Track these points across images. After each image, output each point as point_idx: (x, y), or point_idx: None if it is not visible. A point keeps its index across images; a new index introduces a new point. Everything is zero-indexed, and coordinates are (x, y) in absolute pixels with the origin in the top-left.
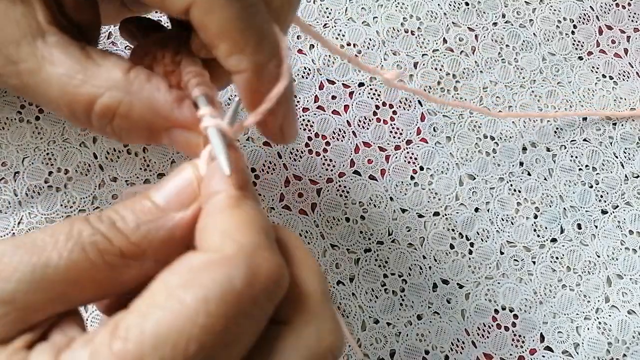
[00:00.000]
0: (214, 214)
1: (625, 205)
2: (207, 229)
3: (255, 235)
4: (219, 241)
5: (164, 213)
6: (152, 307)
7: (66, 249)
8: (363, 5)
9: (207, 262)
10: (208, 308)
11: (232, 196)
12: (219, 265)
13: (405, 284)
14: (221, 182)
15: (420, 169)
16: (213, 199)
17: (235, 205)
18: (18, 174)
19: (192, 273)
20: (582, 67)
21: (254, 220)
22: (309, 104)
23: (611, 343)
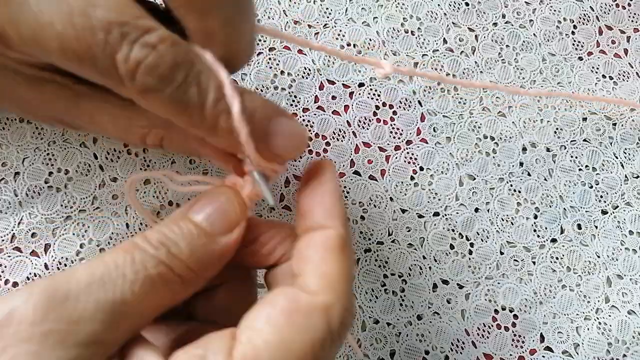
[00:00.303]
0: (319, 251)
1: (625, 206)
2: (310, 264)
3: (349, 286)
4: (321, 285)
5: (212, 238)
6: (265, 342)
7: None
8: (363, 5)
9: (313, 307)
10: (314, 351)
11: (342, 237)
12: (321, 313)
13: (405, 284)
14: (327, 216)
15: (420, 169)
16: (320, 233)
17: (342, 249)
18: (18, 175)
19: (299, 316)
20: (582, 67)
21: (351, 270)
22: (309, 104)
23: (611, 343)
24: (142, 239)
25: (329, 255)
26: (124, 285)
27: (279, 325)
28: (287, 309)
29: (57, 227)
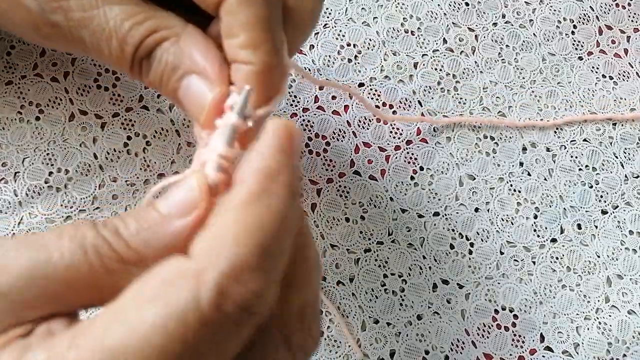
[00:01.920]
0: (222, 211)
1: (625, 206)
2: (206, 228)
3: (244, 249)
4: (205, 248)
5: (165, 220)
6: (116, 319)
7: (68, 248)
8: (363, 5)
9: (178, 274)
10: (166, 328)
11: (252, 192)
12: (187, 280)
13: (405, 284)
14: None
15: (420, 169)
16: (230, 193)
17: (246, 205)
18: (18, 174)
19: (163, 285)
20: (582, 67)
21: (256, 227)
22: (309, 104)
23: (611, 343)
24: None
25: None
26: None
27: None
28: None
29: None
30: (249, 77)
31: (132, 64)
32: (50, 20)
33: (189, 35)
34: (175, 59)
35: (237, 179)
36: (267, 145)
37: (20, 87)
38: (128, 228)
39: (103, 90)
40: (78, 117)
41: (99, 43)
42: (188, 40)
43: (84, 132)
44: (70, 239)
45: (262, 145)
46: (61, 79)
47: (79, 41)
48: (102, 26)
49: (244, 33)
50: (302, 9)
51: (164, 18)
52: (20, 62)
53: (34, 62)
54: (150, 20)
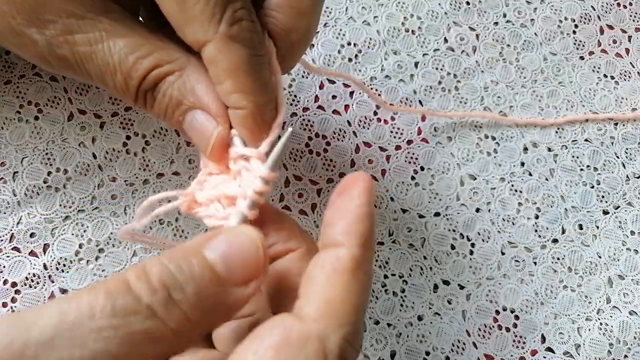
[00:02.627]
0: (327, 271)
1: (626, 206)
2: (313, 286)
3: (357, 316)
4: (320, 310)
5: (224, 287)
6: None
7: (113, 341)
8: (364, 4)
9: (306, 337)
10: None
11: (354, 258)
12: (316, 343)
13: (406, 285)
14: (345, 232)
15: (421, 169)
16: (332, 252)
17: (352, 272)
18: (17, 174)
19: (290, 347)
20: (583, 67)
21: (363, 297)
22: (309, 103)
23: (612, 344)
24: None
25: (335, 277)
26: (95, 344)
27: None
28: (277, 341)
29: (56, 227)
30: (243, 120)
31: (137, 96)
32: (57, 53)
33: (192, 70)
34: (179, 93)
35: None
36: (361, 208)
37: (19, 86)
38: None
39: (102, 89)
40: (77, 116)
41: (104, 76)
42: (191, 76)
43: (83, 131)
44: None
45: (354, 206)
46: (60, 79)
47: (85, 73)
48: (107, 60)
49: (229, 80)
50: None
51: (167, 51)
52: (19, 62)
53: None
54: (155, 53)
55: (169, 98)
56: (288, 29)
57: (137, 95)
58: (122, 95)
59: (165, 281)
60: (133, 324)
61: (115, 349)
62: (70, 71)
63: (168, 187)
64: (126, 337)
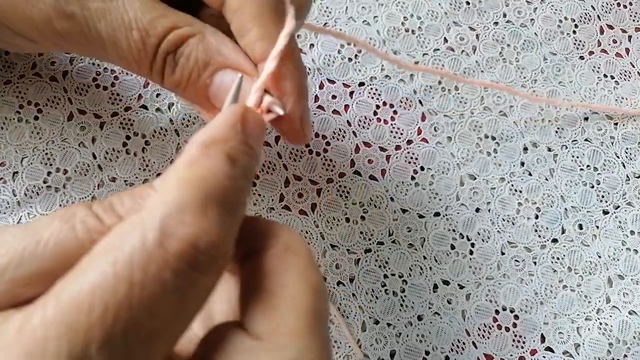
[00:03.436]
0: (164, 176)
1: (626, 206)
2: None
3: (183, 192)
4: (154, 198)
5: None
6: (80, 270)
7: (57, 228)
8: (363, 4)
9: (129, 222)
10: (115, 270)
11: (192, 156)
12: (135, 228)
13: (406, 285)
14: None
15: (421, 169)
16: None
17: (188, 165)
18: (17, 174)
19: (112, 238)
20: (583, 66)
21: (198, 180)
22: (309, 103)
23: (612, 344)
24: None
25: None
26: (45, 230)
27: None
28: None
29: None
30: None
31: (154, 58)
32: (66, 11)
33: (212, 33)
34: (205, 55)
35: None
36: (216, 121)
37: (19, 86)
38: (123, 204)
39: (102, 89)
40: (77, 116)
41: (117, 35)
42: (214, 37)
43: (82, 131)
44: (61, 218)
45: (211, 122)
46: (60, 78)
47: (94, 35)
48: (122, 16)
49: (255, 28)
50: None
51: (183, 16)
52: (18, 62)
53: (33, 61)
54: (172, 16)
55: (194, 60)
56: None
57: (155, 57)
58: (137, 59)
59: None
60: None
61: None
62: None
63: None
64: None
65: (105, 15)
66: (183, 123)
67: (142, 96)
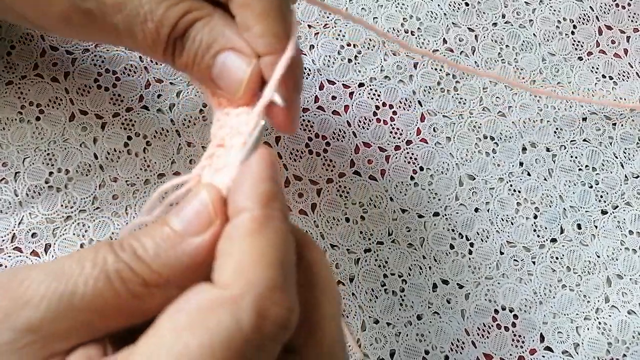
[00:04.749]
0: (234, 239)
1: (625, 206)
2: (224, 257)
3: (270, 271)
4: (231, 276)
5: (182, 239)
6: (159, 349)
7: (92, 276)
8: (363, 5)
9: (215, 301)
10: (214, 355)
11: (256, 219)
12: (226, 306)
13: (405, 284)
14: (246, 198)
15: (420, 169)
16: (235, 220)
17: (257, 232)
18: (18, 174)
19: (200, 313)
20: (581, 67)
21: (272, 251)
22: (309, 104)
23: (611, 343)
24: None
25: (241, 242)
26: (79, 278)
27: (177, 327)
28: (191, 307)
29: (58, 227)
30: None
31: (167, 45)
32: (82, 7)
33: (220, 16)
34: (209, 37)
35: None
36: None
37: (21, 87)
38: (146, 250)
39: (103, 90)
40: (78, 117)
41: (133, 27)
42: (220, 21)
43: (84, 132)
44: (92, 264)
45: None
46: (61, 79)
47: (110, 28)
48: (137, 10)
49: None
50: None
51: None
52: (20, 62)
53: (35, 62)
54: (183, 2)
55: (199, 42)
56: None
57: (167, 44)
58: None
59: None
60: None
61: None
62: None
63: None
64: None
65: (121, 9)
66: (184, 124)
67: (143, 97)
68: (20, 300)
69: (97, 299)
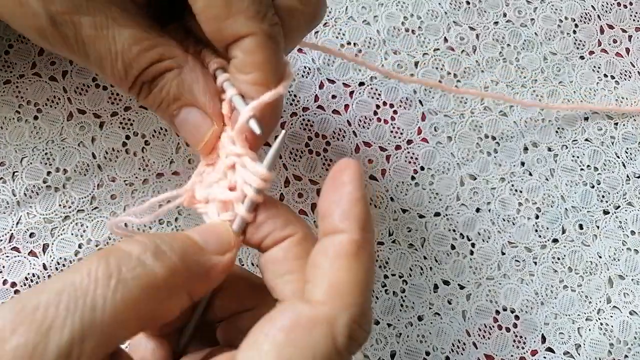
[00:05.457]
0: (330, 257)
1: (627, 206)
2: (319, 273)
3: (363, 297)
4: (327, 295)
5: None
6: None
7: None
8: (363, 4)
9: (313, 319)
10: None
11: (355, 242)
12: (324, 326)
13: (406, 285)
14: (344, 217)
15: (421, 169)
16: (333, 238)
17: (355, 255)
18: (16, 174)
19: (299, 329)
20: (583, 66)
21: (367, 278)
22: (308, 103)
23: (613, 344)
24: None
25: (338, 262)
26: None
27: (277, 343)
28: (288, 324)
29: (56, 227)
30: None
31: (132, 85)
32: (59, 31)
33: (190, 69)
34: (177, 90)
35: (332, 221)
36: (356, 193)
37: (19, 86)
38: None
39: (101, 89)
40: (76, 116)
41: (102, 62)
42: (189, 74)
43: (82, 131)
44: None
45: (349, 192)
46: (59, 78)
47: (82, 55)
48: (109, 47)
49: (257, 72)
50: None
51: (169, 47)
52: (18, 61)
53: (33, 61)
54: (157, 48)
55: (166, 93)
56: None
57: (134, 84)
58: (116, 82)
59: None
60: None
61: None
62: (65, 50)
63: (167, 186)
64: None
65: (94, 42)
66: None
67: None
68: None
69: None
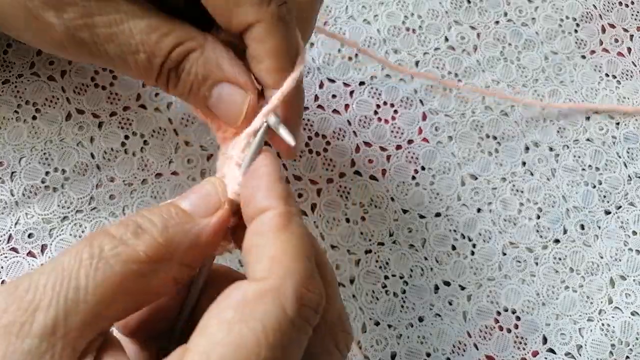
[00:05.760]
0: (263, 234)
1: (628, 206)
2: (256, 251)
3: (303, 261)
4: (268, 268)
5: (190, 218)
6: (214, 344)
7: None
8: (364, 3)
9: (259, 293)
10: (268, 340)
11: (282, 214)
12: (270, 296)
13: (407, 286)
14: (266, 197)
15: (422, 169)
16: (262, 217)
17: (285, 226)
18: (15, 174)
19: (246, 305)
20: (585, 66)
21: (301, 243)
22: (308, 103)
23: (614, 345)
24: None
25: (272, 235)
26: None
27: (227, 321)
28: (234, 303)
29: (54, 227)
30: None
31: (159, 75)
32: (75, 37)
33: (212, 46)
34: (204, 69)
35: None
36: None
37: (17, 86)
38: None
39: (100, 89)
40: (75, 116)
41: (125, 57)
42: (213, 51)
43: (81, 131)
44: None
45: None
46: (58, 78)
47: (104, 55)
48: (129, 40)
49: (271, 59)
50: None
51: (185, 29)
52: (17, 61)
53: (31, 61)
54: (175, 32)
55: (194, 75)
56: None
57: (160, 73)
58: (143, 75)
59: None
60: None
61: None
62: (86, 55)
63: (167, 187)
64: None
65: (113, 39)
66: (182, 123)
67: (140, 96)
68: (30, 307)
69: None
